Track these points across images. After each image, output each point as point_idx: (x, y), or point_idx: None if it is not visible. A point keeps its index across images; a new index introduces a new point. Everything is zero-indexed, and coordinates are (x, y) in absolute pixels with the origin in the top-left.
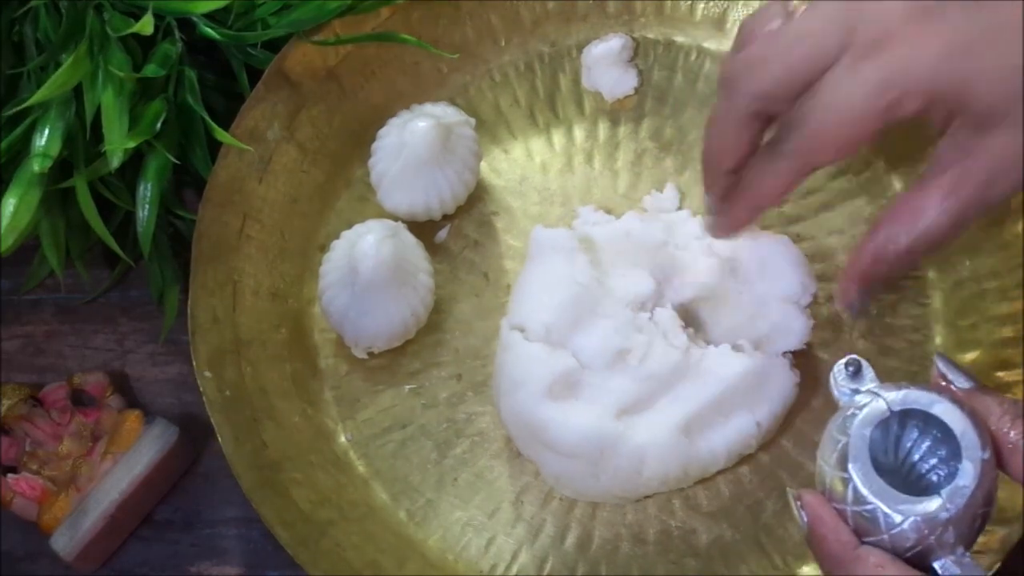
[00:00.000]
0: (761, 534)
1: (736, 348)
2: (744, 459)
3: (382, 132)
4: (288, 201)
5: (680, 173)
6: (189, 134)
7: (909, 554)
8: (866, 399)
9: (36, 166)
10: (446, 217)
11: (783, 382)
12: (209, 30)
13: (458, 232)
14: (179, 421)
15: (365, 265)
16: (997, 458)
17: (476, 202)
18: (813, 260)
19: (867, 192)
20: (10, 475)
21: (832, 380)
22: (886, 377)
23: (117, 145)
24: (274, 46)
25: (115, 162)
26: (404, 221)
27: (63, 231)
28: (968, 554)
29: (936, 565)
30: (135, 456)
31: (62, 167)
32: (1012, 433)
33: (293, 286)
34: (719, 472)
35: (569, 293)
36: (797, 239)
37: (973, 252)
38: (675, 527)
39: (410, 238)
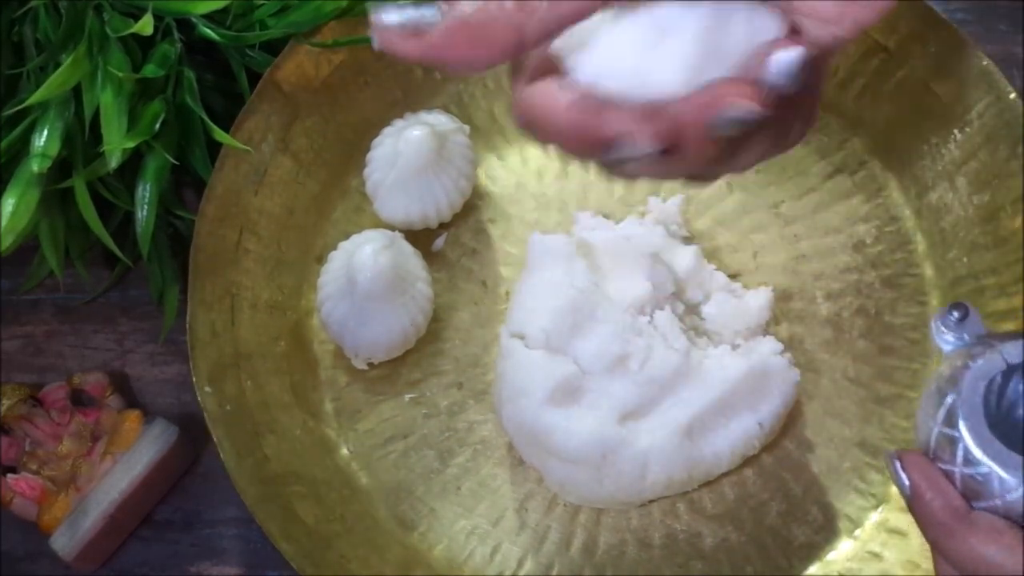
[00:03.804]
0: (766, 536)
1: (735, 348)
2: (747, 461)
3: (376, 141)
4: (284, 213)
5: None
6: (188, 134)
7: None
8: (978, 349)
9: (35, 166)
10: (443, 225)
11: (784, 381)
12: (208, 31)
13: (455, 240)
14: (179, 421)
15: (363, 275)
16: None
17: (472, 210)
18: (811, 259)
19: (862, 191)
20: (10, 475)
21: (933, 327)
22: (887, 376)
23: (116, 145)
24: (273, 48)
25: (114, 162)
26: (401, 230)
27: (62, 231)
28: None
29: None
30: (135, 456)
31: (61, 167)
32: None
33: (291, 298)
34: (723, 475)
35: (568, 299)
36: (795, 239)
37: (970, 249)
38: (680, 531)
39: (407, 247)
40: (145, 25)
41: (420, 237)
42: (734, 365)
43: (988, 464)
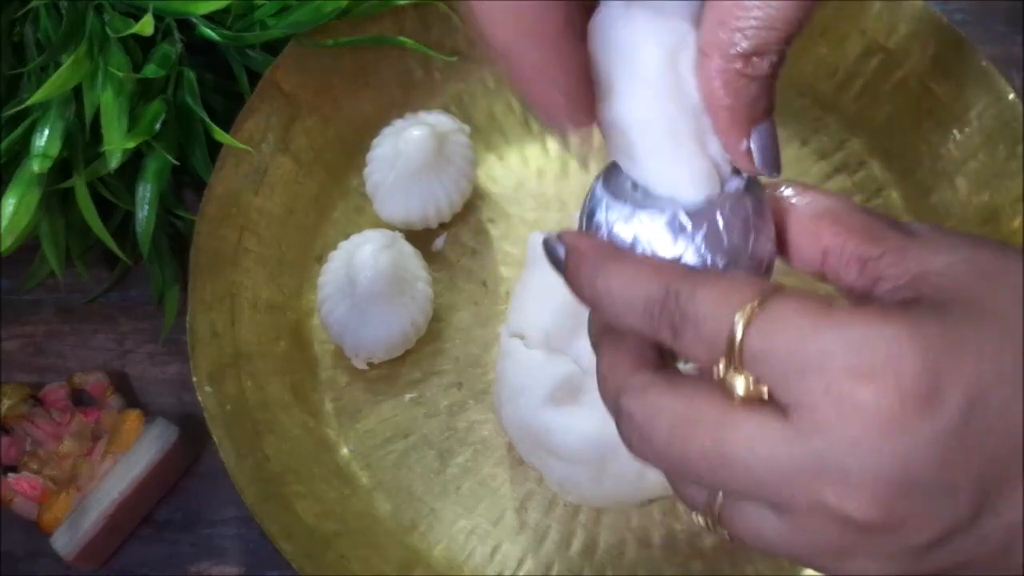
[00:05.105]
0: None
1: None
2: None
3: (376, 141)
4: (285, 213)
5: None
6: (188, 135)
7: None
8: None
9: (36, 166)
10: (443, 225)
11: None
12: (208, 31)
13: (455, 240)
14: (179, 421)
15: (364, 276)
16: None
17: (472, 210)
18: None
19: (862, 191)
20: (10, 475)
21: None
22: None
23: (116, 145)
24: (273, 48)
25: (114, 162)
26: (401, 230)
27: (63, 231)
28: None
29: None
30: (135, 456)
31: (62, 167)
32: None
33: (292, 298)
34: None
35: (567, 298)
36: None
37: None
38: (680, 530)
39: (408, 247)
40: (145, 25)
41: (420, 237)
42: None
43: (626, 208)
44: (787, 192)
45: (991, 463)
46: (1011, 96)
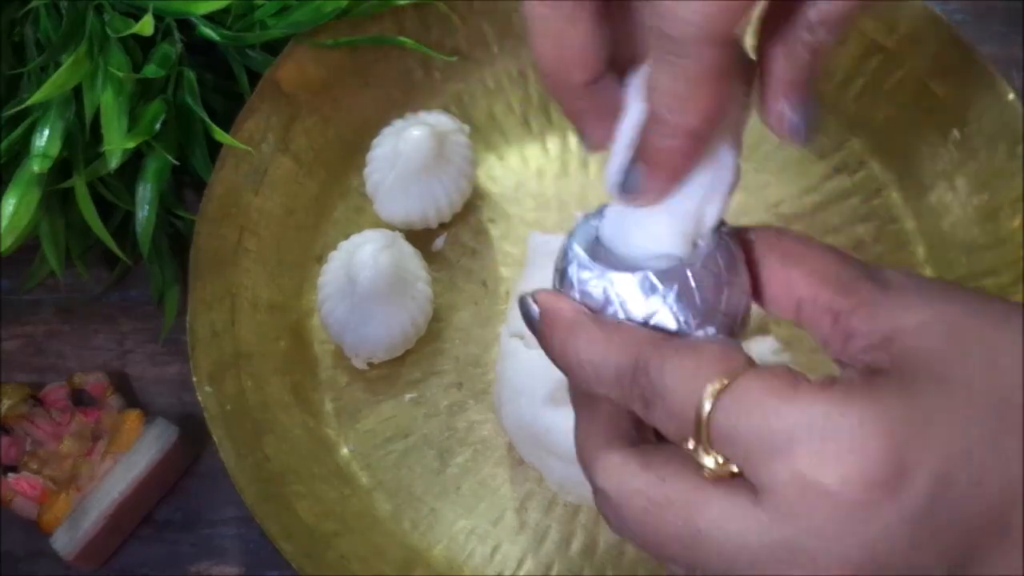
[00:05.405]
0: None
1: None
2: None
3: (376, 141)
4: (285, 213)
5: None
6: (188, 135)
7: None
8: None
9: (36, 166)
10: (442, 226)
11: None
12: (208, 31)
13: (455, 240)
14: (179, 421)
15: (363, 275)
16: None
17: (472, 210)
18: None
19: (862, 191)
20: (10, 475)
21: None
22: None
23: (116, 145)
24: (273, 48)
25: (114, 162)
26: (401, 230)
27: (63, 231)
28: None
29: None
30: (135, 456)
31: (62, 167)
32: None
33: (292, 298)
34: None
35: None
36: None
37: (970, 249)
38: None
39: (408, 247)
40: (145, 25)
41: (420, 237)
42: None
43: (597, 268)
44: (761, 238)
45: (963, 536)
46: (1011, 96)
